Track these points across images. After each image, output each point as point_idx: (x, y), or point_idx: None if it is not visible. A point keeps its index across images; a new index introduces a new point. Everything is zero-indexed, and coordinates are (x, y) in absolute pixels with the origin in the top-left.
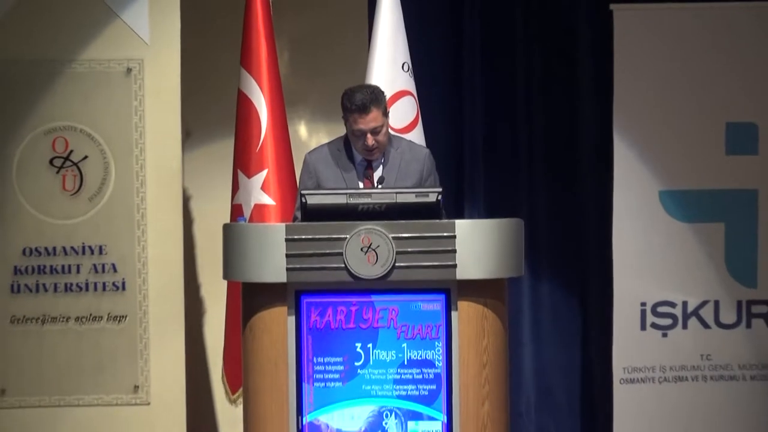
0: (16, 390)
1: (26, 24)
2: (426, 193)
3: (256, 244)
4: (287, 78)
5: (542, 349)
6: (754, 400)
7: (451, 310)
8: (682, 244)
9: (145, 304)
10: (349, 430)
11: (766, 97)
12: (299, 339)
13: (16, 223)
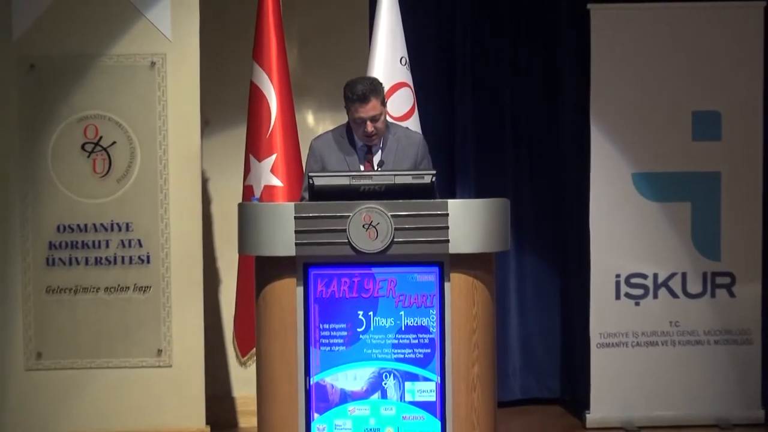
0: (51, 353)
1: (61, 23)
2: (421, 175)
3: (267, 222)
4: (295, 71)
5: (526, 316)
6: (718, 362)
7: (444, 281)
8: (653, 221)
9: (167, 276)
10: (352, 389)
11: (729, 88)
12: (307, 307)
13: (51, 202)
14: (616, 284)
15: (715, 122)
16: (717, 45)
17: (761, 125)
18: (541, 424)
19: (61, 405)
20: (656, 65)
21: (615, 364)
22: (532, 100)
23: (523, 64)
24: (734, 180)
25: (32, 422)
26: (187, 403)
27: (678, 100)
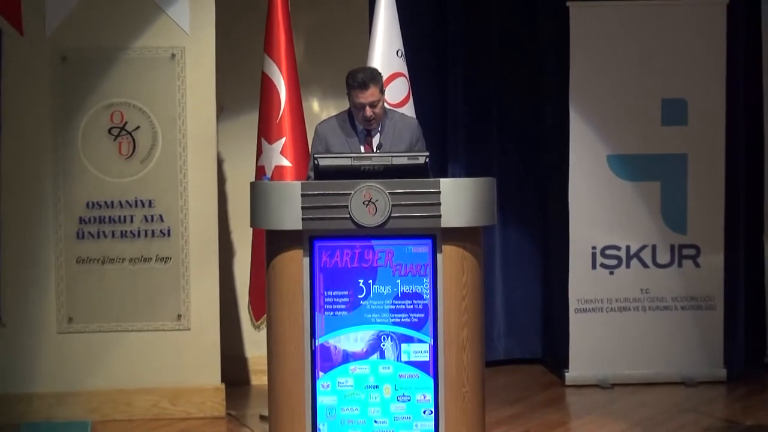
0: (81, 318)
1: (90, 19)
2: (416, 156)
3: (277, 199)
4: (302, 62)
5: (510, 285)
6: (684, 326)
7: (437, 252)
8: (626, 198)
9: (186, 248)
10: (353, 350)
11: (694, 78)
12: (312, 276)
13: (80, 181)
14: (593, 255)
15: (682, 109)
16: (684, 39)
17: (723, 111)
18: (525, 382)
19: (90, 365)
20: (629, 57)
21: (591, 327)
22: (516, 89)
23: (509, 56)
24: (699, 161)
25: (64, 380)
26: (203, 363)
27: (648, 89)
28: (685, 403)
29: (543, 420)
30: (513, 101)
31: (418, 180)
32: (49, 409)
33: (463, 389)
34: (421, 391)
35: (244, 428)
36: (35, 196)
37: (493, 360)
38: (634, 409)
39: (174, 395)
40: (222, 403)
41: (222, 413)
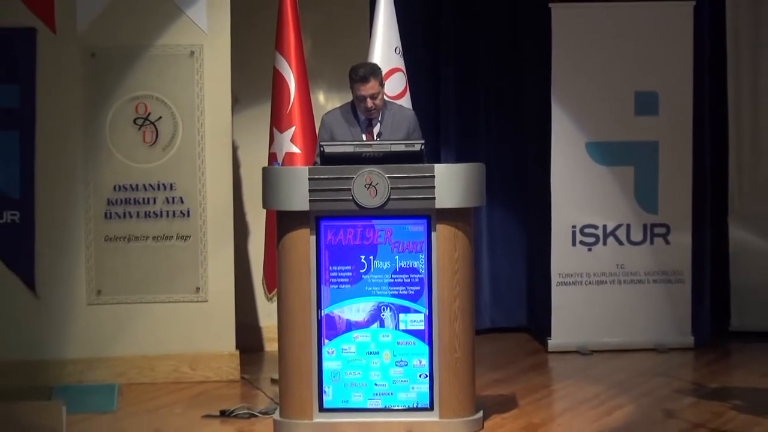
0: (109, 290)
1: (116, 19)
2: (412, 144)
3: (286, 182)
4: (309, 58)
5: (497, 260)
6: (656, 298)
7: (431, 231)
8: (603, 182)
9: (204, 227)
10: (355, 320)
11: (665, 72)
12: (318, 253)
13: (108, 166)
14: (572, 233)
15: (653, 100)
16: (655, 37)
17: (691, 103)
18: (510, 349)
19: (116, 333)
20: (605, 54)
21: (572, 299)
22: (503, 82)
23: (497, 53)
24: (669, 148)
25: (93, 348)
26: (220, 332)
27: (623, 82)
28: (657, 368)
29: (528, 384)
30: (500, 94)
31: (414, 165)
32: (80, 373)
33: (455, 355)
34: (417, 356)
35: (256, 391)
36: (67, 180)
37: (481, 329)
38: (610, 373)
39: (193, 361)
40: (237, 367)
41: (237, 377)
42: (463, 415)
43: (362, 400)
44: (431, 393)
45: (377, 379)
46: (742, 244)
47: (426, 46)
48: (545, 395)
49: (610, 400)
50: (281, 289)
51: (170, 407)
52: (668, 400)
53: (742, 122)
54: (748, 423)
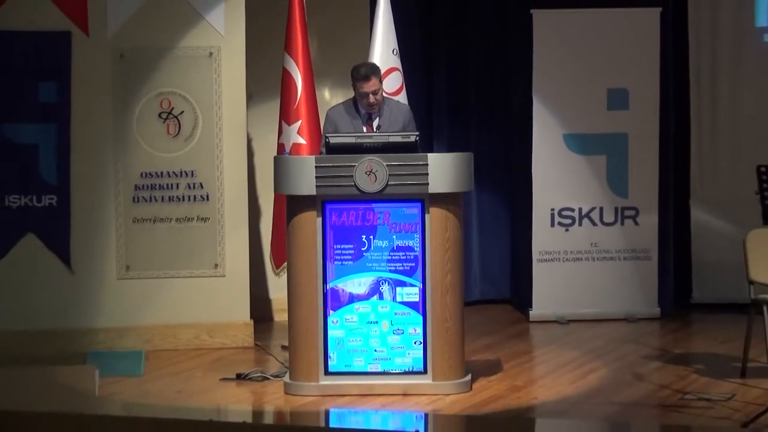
0: (137, 266)
1: (143, 24)
2: (408, 135)
3: (295, 170)
4: (315, 58)
5: (485, 239)
6: (626, 273)
7: (425, 213)
8: (579, 169)
9: (222, 210)
10: (357, 293)
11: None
12: (324, 232)
13: (136, 155)
14: (551, 215)
15: (624, 96)
16: (626, 39)
17: (657, 98)
18: (496, 319)
19: (143, 305)
20: (581, 55)
21: (550, 274)
22: (490, 80)
23: (485, 54)
24: (638, 139)
25: (123, 318)
26: (236, 303)
27: (596, 80)
28: (627, 336)
29: (511, 350)
30: (487, 91)
31: (409, 155)
32: (110, 341)
33: (447, 324)
34: (412, 325)
35: (268, 356)
36: (99, 167)
37: (470, 300)
38: (585, 340)
39: (211, 329)
40: (251, 335)
41: (251, 344)
42: (454, 378)
43: (363, 365)
44: (425, 358)
45: (377, 345)
46: (703, 224)
47: (420, 48)
48: (527, 360)
49: (586, 364)
50: (291, 266)
51: (191, 371)
52: (637, 365)
53: (702, 116)
54: (709, 384)
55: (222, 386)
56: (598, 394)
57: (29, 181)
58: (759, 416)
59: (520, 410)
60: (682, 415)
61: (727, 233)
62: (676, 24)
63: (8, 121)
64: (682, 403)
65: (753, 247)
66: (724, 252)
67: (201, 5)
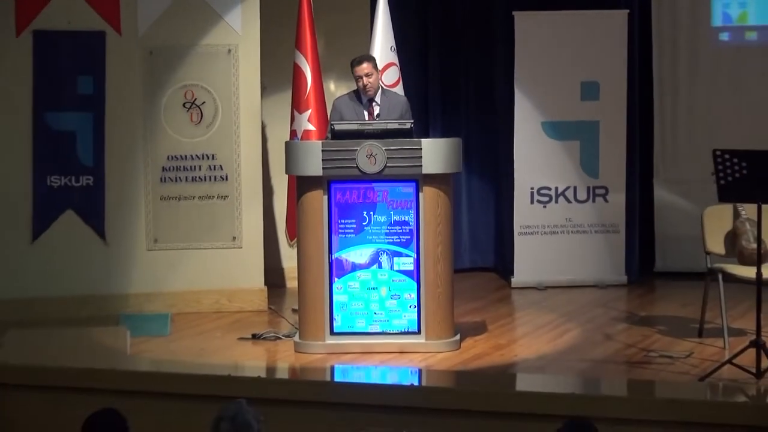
0: (164, 239)
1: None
2: (404, 123)
3: (304, 153)
4: (322, 55)
5: (473, 215)
6: (597, 245)
7: (419, 192)
8: (555, 152)
9: (239, 189)
10: (359, 262)
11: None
12: (330, 209)
13: (163, 141)
14: (531, 194)
15: (595, 89)
16: (597, 38)
17: (625, 90)
18: (482, 285)
19: (169, 273)
20: (557, 51)
21: (530, 245)
22: (478, 74)
23: (472, 51)
24: (607, 126)
25: (151, 284)
26: (251, 272)
27: (571, 74)
28: (598, 300)
29: (496, 313)
30: (475, 83)
31: (406, 140)
32: (140, 305)
33: (438, 290)
34: (407, 291)
35: (280, 318)
36: (130, 151)
37: (459, 268)
38: (561, 304)
39: (230, 295)
40: (265, 300)
41: (265, 308)
42: (444, 338)
43: (364, 326)
44: (419, 320)
45: (376, 309)
46: (664, 202)
47: (416, 45)
48: (509, 322)
49: (561, 325)
50: (300, 239)
51: (212, 332)
52: (606, 326)
53: (664, 106)
54: (670, 343)
55: (239, 345)
56: (572, 352)
57: (68, 164)
58: (714, 371)
59: (503, 366)
60: (646, 370)
61: (686, 209)
62: (641, 24)
63: (50, 110)
64: (646, 360)
65: (709, 222)
66: (683, 226)
67: (220, 7)
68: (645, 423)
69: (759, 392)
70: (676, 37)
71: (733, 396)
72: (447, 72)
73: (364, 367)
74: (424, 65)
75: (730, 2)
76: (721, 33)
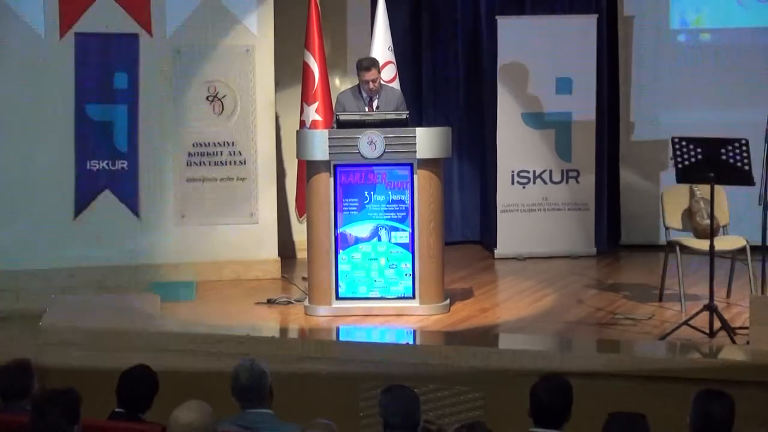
0: (190, 216)
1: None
2: (401, 114)
3: (313, 140)
4: (328, 54)
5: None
6: (570, 220)
7: (414, 174)
8: (533, 140)
9: (256, 172)
10: (361, 236)
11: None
12: (335, 189)
13: (189, 129)
14: (512, 176)
15: (568, 83)
16: (570, 39)
17: (594, 86)
18: (470, 256)
19: (194, 246)
20: (535, 51)
21: (511, 222)
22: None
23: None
24: (579, 117)
25: (179, 256)
26: (266, 244)
27: (547, 71)
28: (571, 270)
29: (481, 279)
30: (464, 78)
31: (402, 129)
32: (169, 274)
33: (430, 260)
34: (404, 261)
35: (292, 285)
36: (160, 140)
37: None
38: (538, 273)
39: (248, 265)
40: (278, 269)
41: (278, 276)
42: (436, 302)
43: (366, 292)
44: (413, 287)
45: (376, 277)
46: (629, 183)
47: (411, 45)
48: (493, 288)
49: (538, 291)
50: (309, 215)
51: (232, 297)
52: (579, 292)
53: (629, 99)
54: (633, 306)
55: (256, 309)
56: (548, 315)
57: (106, 150)
58: (672, 331)
59: (487, 327)
60: (612, 330)
61: (647, 189)
62: (608, 27)
63: (90, 102)
64: (613, 322)
65: (668, 200)
66: (645, 204)
67: (239, 12)
68: (612, 377)
69: (711, 350)
70: (640, 38)
71: (688, 353)
72: (438, 69)
73: (365, 327)
74: (418, 63)
75: (687, 8)
76: (679, 35)
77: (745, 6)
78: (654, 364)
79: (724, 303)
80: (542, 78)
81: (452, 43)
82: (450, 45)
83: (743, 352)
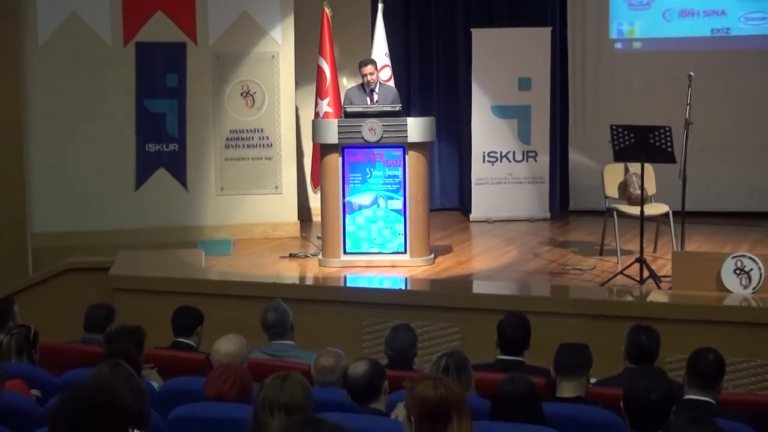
0: (228, 188)
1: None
2: (395, 107)
3: (326, 128)
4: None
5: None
6: (529, 192)
7: (406, 155)
8: (501, 128)
9: (280, 152)
10: (363, 204)
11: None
12: (343, 167)
13: (226, 119)
14: (483, 155)
15: (528, 82)
16: (530, 47)
17: (549, 84)
18: (449, 220)
19: (231, 211)
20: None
21: (483, 192)
22: (446, 72)
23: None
24: (536, 109)
25: (219, 219)
26: (288, 210)
27: (511, 72)
28: (530, 230)
29: (458, 239)
30: (444, 78)
31: (396, 118)
32: (210, 233)
33: (419, 223)
34: (397, 223)
35: (309, 243)
36: (203, 126)
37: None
38: (504, 233)
39: (273, 226)
40: (297, 230)
41: (297, 235)
42: (423, 256)
43: (367, 248)
44: (405, 244)
45: (376, 236)
46: (576, 161)
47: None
48: (468, 245)
49: (504, 247)
50: (322, 187)
51: (261, 252)
52: (536, 248)
53: (576, 95)
54: (580, 260)
55: (280, 261)
56: (511, 266)
57: (160, 135)
58: (610, 279)
59: (464, 276)
60: (563, 279)
61: (591, 166)
62: (560, 37)
63: (147, 98)
64: (564, 272)
65: (607, 175)
66: (589, 178)
67: (267, 25)
68: (562, 315)
69: (641, 293)
70: (584, 46)
71: (623, 296)
72: (423, 70)
73: (367, 276)
74: (407, 65)
75: (622, 21)
76: (616, 43)
77: (668, 20)
78: (595, 305)
79: (651, 257)
80: (507, 78)
81: (436, 49)
82: (434, 51)
83: (667, 295)
